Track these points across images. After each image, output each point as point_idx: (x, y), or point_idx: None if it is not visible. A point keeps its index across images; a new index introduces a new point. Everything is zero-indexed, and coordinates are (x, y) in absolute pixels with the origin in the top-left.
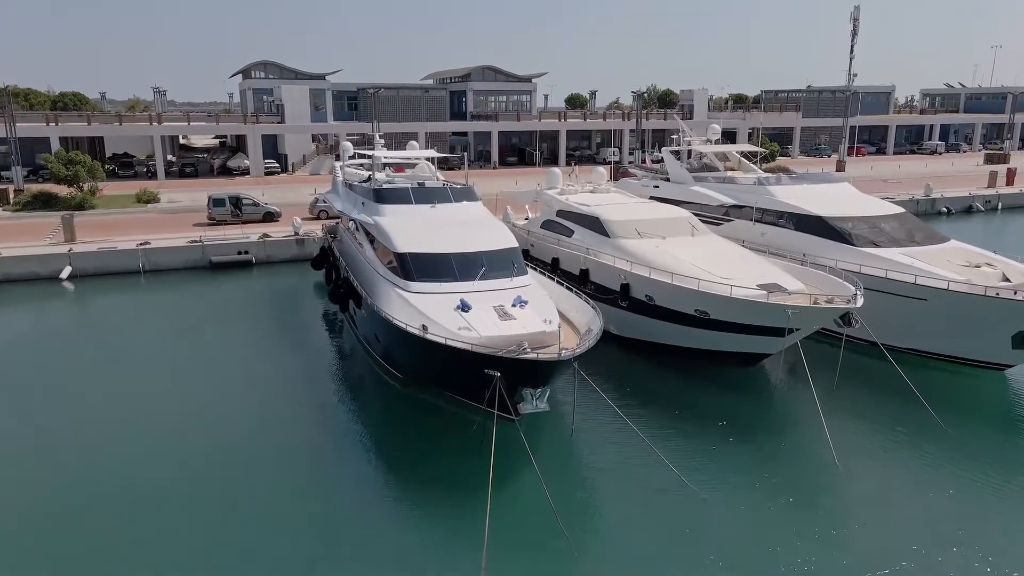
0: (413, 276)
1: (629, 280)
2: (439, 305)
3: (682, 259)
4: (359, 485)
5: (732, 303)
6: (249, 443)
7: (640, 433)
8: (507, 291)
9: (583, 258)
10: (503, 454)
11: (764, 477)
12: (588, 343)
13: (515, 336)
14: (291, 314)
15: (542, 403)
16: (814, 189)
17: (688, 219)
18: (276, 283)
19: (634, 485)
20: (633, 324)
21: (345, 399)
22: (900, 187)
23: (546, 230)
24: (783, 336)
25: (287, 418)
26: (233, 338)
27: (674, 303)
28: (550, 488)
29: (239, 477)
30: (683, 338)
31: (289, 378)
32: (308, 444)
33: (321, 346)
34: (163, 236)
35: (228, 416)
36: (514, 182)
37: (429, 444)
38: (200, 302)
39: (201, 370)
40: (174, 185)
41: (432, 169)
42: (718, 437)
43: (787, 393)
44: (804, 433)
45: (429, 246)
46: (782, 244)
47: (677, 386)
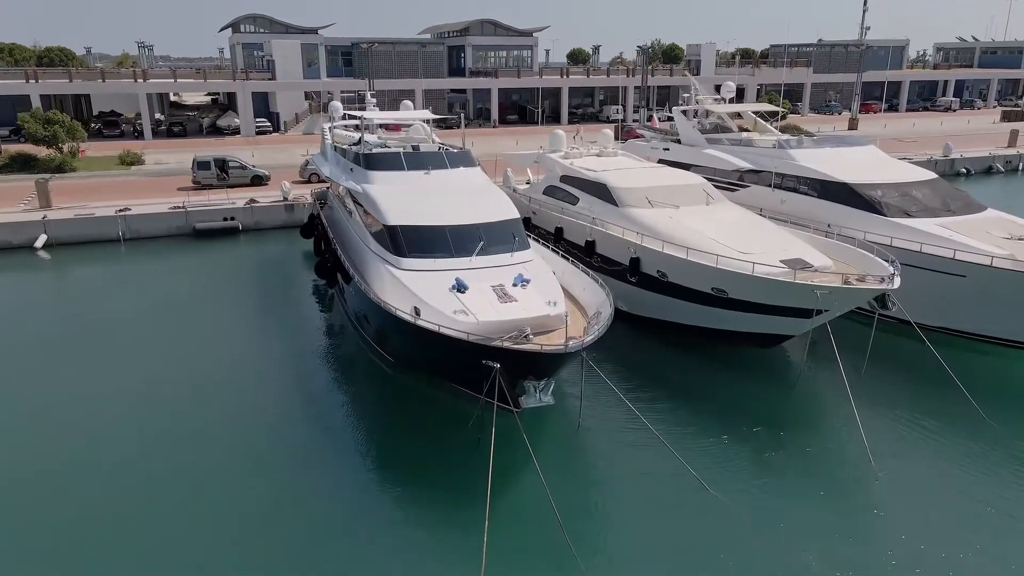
0: (404, 251)
1: (639, 254)
2: (432, 284)
3: (697, 231)
4: (346, 484)
5: (754, 282)
6: (229, 432)
7: (653, 428)
8: (507, 268)
9: (589, 229)
10: (504, 450)
11: (790, 477)
12: (598, 331)
13: (516, 321)
14: (278, 286)
15: (546, 396)
16: (839, 153)
17: (702, 186)
18: (263, 252)
19: (646, 485)
20: (643, 301)
21: (333, 385)
22: (916, 147)
23: (549, 197)
24: (809, 318)
25: (271, 406)
26: (217, 312)
27: (689, 280)
28: (554, 488)
29: (218, 469)
30: (698, 317)
31: (275, 360)
32: (293, 436)
33: (309, 323)
34: (145, 202)
35: (209, 398)
36: (515, 142)
37: (424, 438)
38: (183, 272)
39: (182, 348)
40: (161, 145)
41: (427, 131)
42: (737, 429)
43: (813, 378)
44: (833, 426)
45: (422, 218)
46: (804, 213)
47: (692, 370)
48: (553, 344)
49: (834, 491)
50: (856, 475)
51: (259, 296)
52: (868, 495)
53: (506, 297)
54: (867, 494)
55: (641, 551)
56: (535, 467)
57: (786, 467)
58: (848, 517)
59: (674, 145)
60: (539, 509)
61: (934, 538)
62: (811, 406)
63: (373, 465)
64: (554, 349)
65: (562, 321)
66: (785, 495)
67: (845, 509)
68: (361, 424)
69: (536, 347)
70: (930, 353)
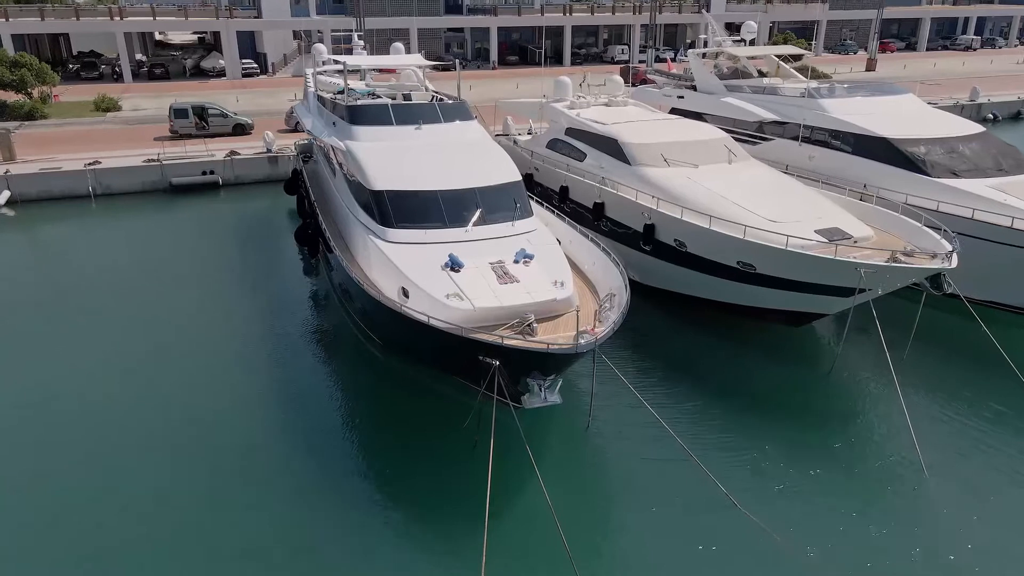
0: (392, 221)
1: (655, 220)
2: (423, 261)
3: (719, 194)
4: (327, 485)
5: (788, 257)
6: (204, 418)
7: (672, 431)
8: (508, 240)
9: (598, 190)
10: (504, 452)
11: (828, 490)
12: (613, 323)
13: (517, 307)
14: (260, 248)
15: (552, 395)
16: (876, 102)
17: (724, 141)
18: (245, 209)
19: (663, 495)
20: (657, 272)
21: (317, 368)
22: (940, 90)
23: (553, 151)
24: (847, 296)
25: (248, 392)
26: (193, 278)
27: (711, 252)
28: (558, 499)
29: (185, 459)
30: (719, 292)
31: (253, 336)
32: (269, 426)
33: (293, 292)
34: (118, 154)
35: (184, 377)
36: (515, 85)
37: (417, 432)
38: (157, 232)
39: (152, 318)
40: (141, 89)
41: (420, 77)
42: (766, 427)
43: (851, 362)
44: (877, 422)
45: (412, 182)
46: (835, 170)
47: (714, 353)
48: (561, 342)
49: (879, 508)
50: (905, 488)
51: (239, 260)
52: (917, 507)
53: (506, 277)
54: (916, 506)
55: (653, 571)
56: (539, 473)
57: (823, 477)
58: (894, 539)
59: (689, 92)
60: (542, 522)
61: (996, 556)
62: (850, 397)
63: (356, 466)
64: (562, 348)
65: (570, 304)
66: (821, 511)
67: (891, 532)
68: (345, 416)
69: (541, 346)
70: (981, 332)
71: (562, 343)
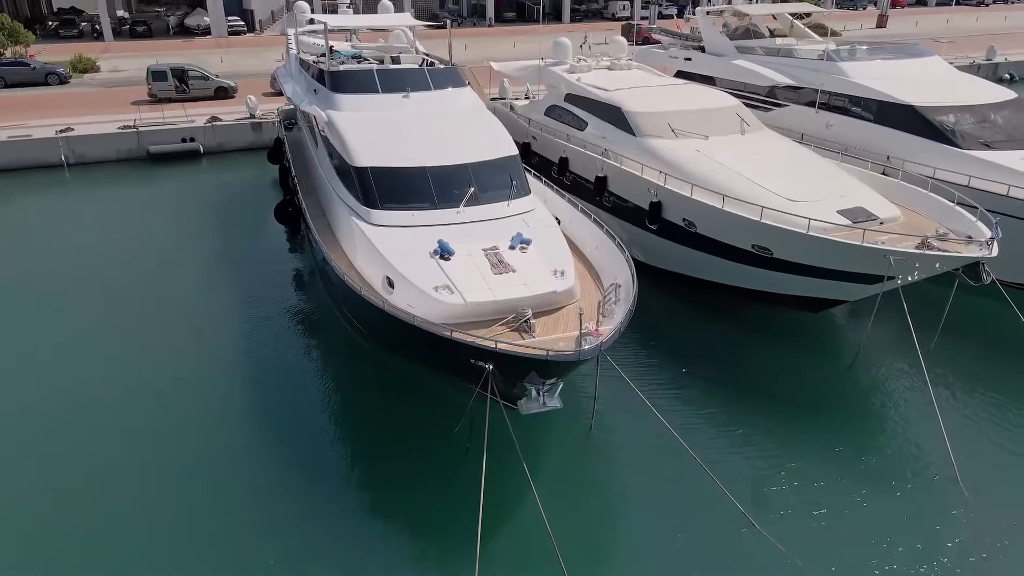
0: (376, 201)
1: (661, 198)
2: (409, 247)
3: (732, 170)
4: (305, 492)
5: (808, 243)
6: (178, 412)
7: (680, 438)
8: (503, 222)
9: (600, 163)
10: (499, 459)
11: (855, 507)
12: (619, 325)
13: (513, 301)
14: (244, 223)
15: (552, 400)
16: (899, 66)
17: (736, 110)
18: (227, 179)
19: (672, 511)
20: (663, 252)
21: (299, 358)
22: (955, 48)
23: (552, 119)
24: (873, 284)
25: (225, 385)
26: (171, 256)
27: (724, 234)
28: (557, 513)
29: (159, 456)
30: (731, 276)
31: (234, 321)
32: (248, 426)
33: (277, 273)
34: (93, 119)
35: (156, 366)
36: (512, 44)
37: (404, 434)
38: (134, 205)
39: (127, 297)
40: (122, 48)
41: (409, 38)
42: (783, 431)
43: (876, 353)
44: (907, 427)
45: (399, 157)
46: (855, 140)
47: (727, 343)
48: (562, 346)
49: (910, 529)
50: (938, 504)
51: (220, 236)
52: (951, 526)
53: (501, 266)
54: (950, 525)
55: None
56: (535, 486)
57: (849, 493)
58: (927, 566)
59: (696, 54)
60: (537, 538)
61: None
62: (876, 396)
63: (337, 472)
64: (563, 356)
65: (571, 296)
66: (846, 532)
67: (923, 557)
68: (327, 414)
69: (539, 352)
70: (1017, 318)
71: (563, 348)
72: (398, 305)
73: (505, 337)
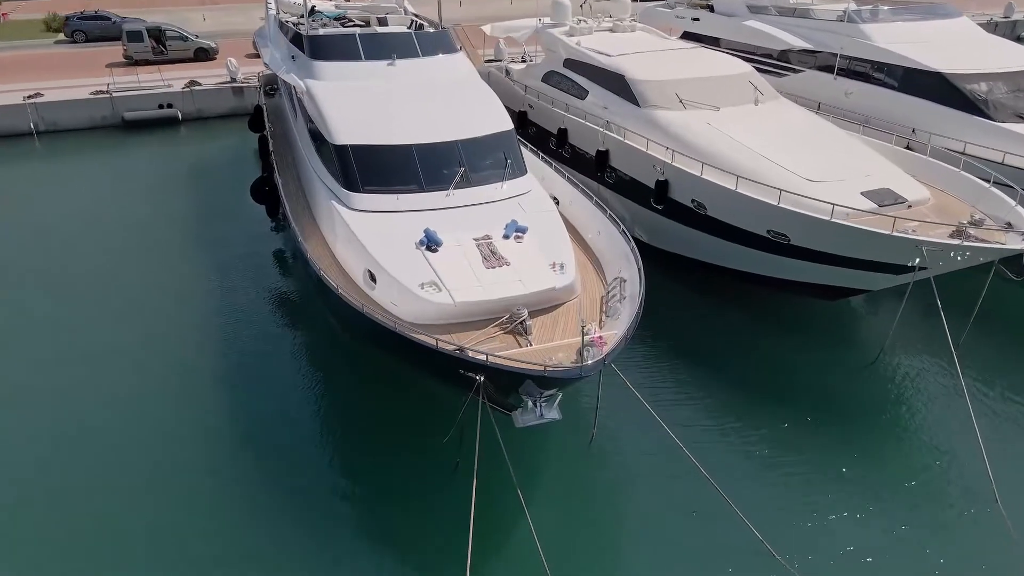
0: (357, 183)
1: (669, 176)
2: (393, 236)
3: (745, 145)
4: (279, 502)
5: (830, 230)
6: (143, 406)
7: (692, 456)
8: (496, 206)
9: (602, 136)
10: (491, 473)
11: (887, 532)
12: (625, 332)
13: (507, 300)
14: (224, 197)
15: (550, 411)
16: (925, 28)
17: (749, 77)
18: (208, 149)
19: (682, 538)
20: (670, 234)
21: (279, 350)
22: (971, 4)
23: (549, 85)
24: (900, 274)
25: (196, 378)
26: (146, 231)
27: (736, 218)
28: (553, 541)
29: (122, 452)
30: (742, 261)
31: (211, 306)
32: (222, 428)
33: (259, 253)
34: (64, 84)
35: (122, 354)
36: (508, 1)
37: (388, 442)
38: (108, 176)
39: (100, 275)
40: (100, 4)
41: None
42: (804, 444)
43: (904, 349)
44: (940, 435)
45: (382, 133)
46: (877, 110)
47: (738, 337)
48: (561, 359)
49: (942, 547)
50: (974, 519)
51: (199, 211)
52: (990, 541)
53: (494, 258)
54: (989, 540)
55: None
56: (530, 504)
57: (880, 514)
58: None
59: (705, 14)
60: (531, 568)
61: None
62: (905, 398)
63: (313, 482)
64: (563, 372)
65: (571, 292)
66: (875, 559)
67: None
68: (305, 416)
69: (537, 368)
70: None
71: (562, 361)
72: (381, 302)
73: (499, 340)
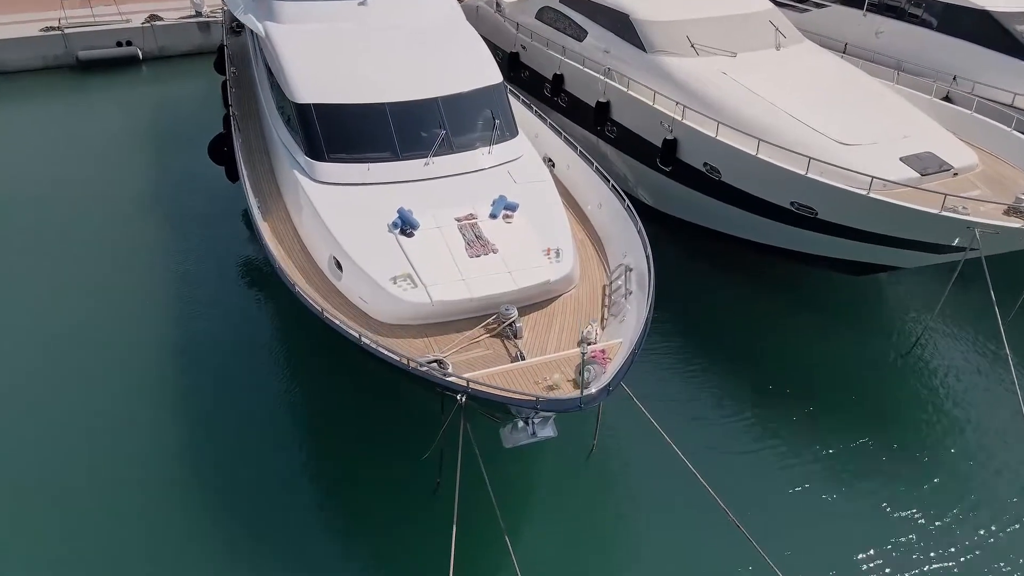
0: (322, 151)
1: (678, 135)
2: (363, 216)
3: (767, 100)
4: (233, 516)
5: (867, 206)
6: (90, 395)
7: (701, 477)
8: (483, 176)
9: (603, 85)
10: (474, 495)
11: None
12: (633, 344)
13: (493, 298)
14: (189, 149)
15: (544, 429)
16: None
17: (770, 16)
18: (172, 92)
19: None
20: (678, 198)
21: (240, 339)
22: None
23: (544, 23)
24: (943, 254)
25: (145, 365)
26: (100, 188)
27: (756, 187)
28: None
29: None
30: (760, 233)
31: (167, 281)
32: (176, 430)
33: (223, 220)
34: (8, 19)
35: (78, 334)
36: None
37: (359, 455)
38: (60, 124)
39: (48, 243)
40: None
41: None
42: (830, 459)
43: (946, 337)
44: (986, 437)
45: (351, 90)
46: (912, 53)
47: (753, 318)
48: (557, 384)
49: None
50: None
51: (162, 167)
52: None
53: (479, 244)
54: None
55: None
56: (516, 534)
57: (916, 538)
58: None
59: None
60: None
61: None
62: (943, 391)
63: (276, 498)
64: (560, 404)
65: (569, 283)
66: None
67: None
68: (267, 418)
69: (528, 399)
70: None
71: (558, 383)
72: (348, 295)
73: (484, 345)
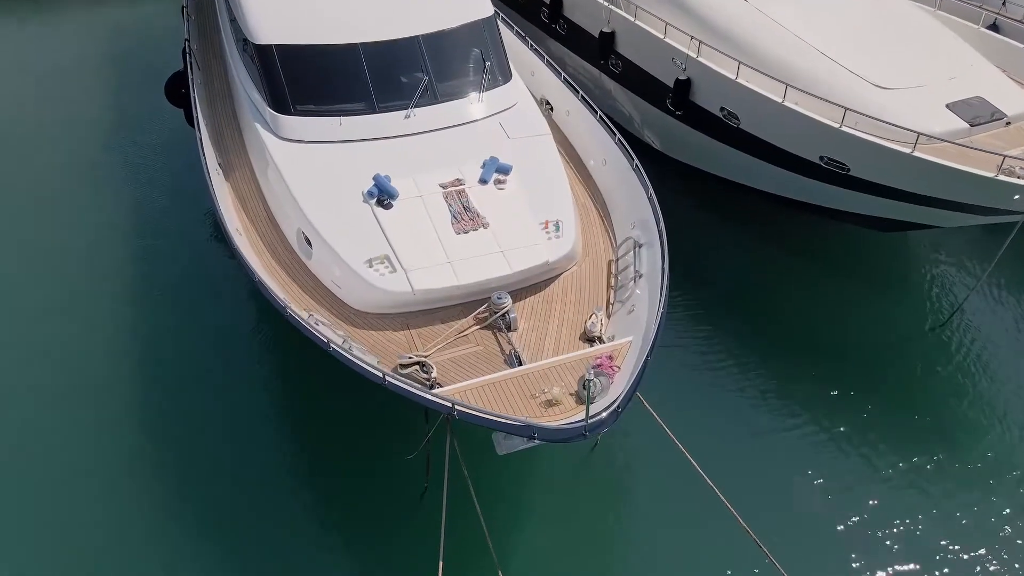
0: (288, 103)
1: (692, 75)
2: (334, 182)
3: (796, 35)
4: (198, 520)
5: (910, 165)
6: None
7: (711, 482)
8: (472, 129)
9: (607, 13)
10: (463, 500)
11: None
12: (642, 362)
13: (484, 284)
14: (153, 94)
15: None
16: None
17: None
18: (137, 18)
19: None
20: (690, 145)
21: (205, 325)
22: None
23: None
24: (987, 215)
25: (95, 345)
26: (59, 140)
27: (781, 139)
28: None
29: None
30: (782, 186)
31: (121, 252)
32: (129, 423)
33: (187, 185)
34: None
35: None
36: None
37: (338, 456)
38: (9, 52)
39: None
40: None
41: None
42: (852, 456)
43: (984, 312)
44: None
45: (319, 27)
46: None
47: (770, 283)
48: (557, 399)
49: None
50: None
51: (120, 110)
52: None
53: (467, 216)
54: None
55: None
56: (493, 547)
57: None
58: None
59: None
60: None
61: None
62: (978, 374)
63: (250, 501)
64: (560, 432)
65: (570, 260)
66: None
67: None
68: (237, 410)
69: (519, 423)
70: None
71: (558, 398)
72: (319, 277)
73: (473, 339)
